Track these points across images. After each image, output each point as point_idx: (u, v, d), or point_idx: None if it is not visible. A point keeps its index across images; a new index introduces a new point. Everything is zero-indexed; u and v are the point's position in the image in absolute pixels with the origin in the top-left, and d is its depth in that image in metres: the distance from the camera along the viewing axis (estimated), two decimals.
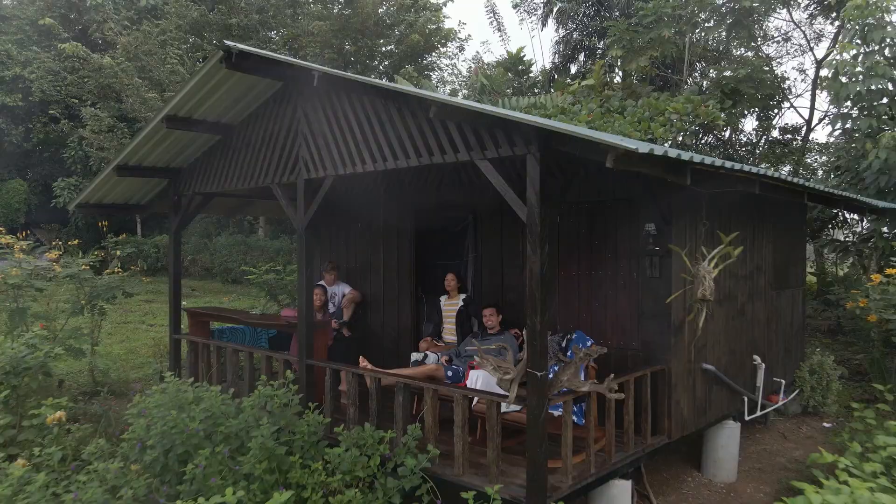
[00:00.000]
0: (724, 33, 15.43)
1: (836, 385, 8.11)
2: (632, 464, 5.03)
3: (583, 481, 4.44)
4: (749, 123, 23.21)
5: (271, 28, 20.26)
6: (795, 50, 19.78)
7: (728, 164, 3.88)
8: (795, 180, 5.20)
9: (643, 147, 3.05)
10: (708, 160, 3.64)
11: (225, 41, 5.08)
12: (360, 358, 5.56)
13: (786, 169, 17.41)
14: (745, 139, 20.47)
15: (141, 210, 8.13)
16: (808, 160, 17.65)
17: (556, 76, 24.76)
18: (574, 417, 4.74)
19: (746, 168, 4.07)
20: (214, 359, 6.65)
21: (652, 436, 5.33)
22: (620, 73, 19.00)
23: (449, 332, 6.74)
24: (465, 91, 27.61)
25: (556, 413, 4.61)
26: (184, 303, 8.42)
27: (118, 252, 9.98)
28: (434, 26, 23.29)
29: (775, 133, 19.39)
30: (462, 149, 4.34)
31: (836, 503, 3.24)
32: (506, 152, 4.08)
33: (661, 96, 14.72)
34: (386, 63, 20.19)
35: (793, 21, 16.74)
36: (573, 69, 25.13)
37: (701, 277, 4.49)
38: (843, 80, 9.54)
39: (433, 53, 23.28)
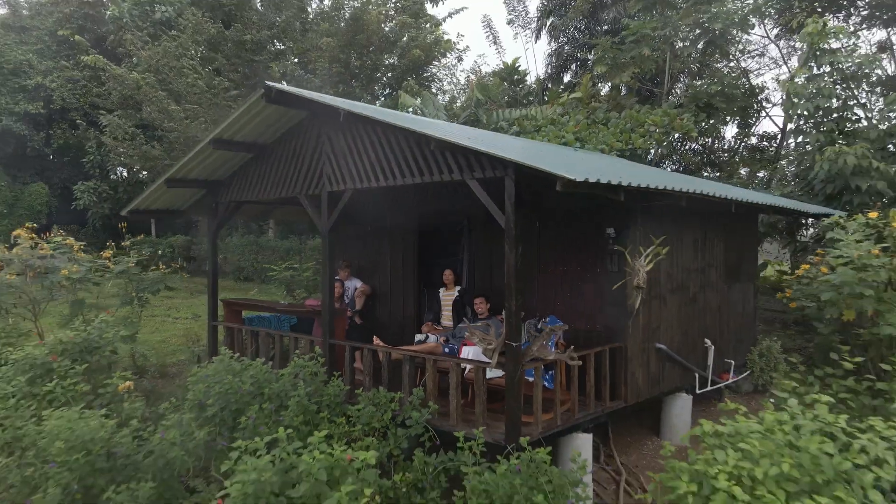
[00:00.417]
0: (699, 51, 16.56)
1: (782, 367, 9.24)
2: (592, 421, 6.18)
3: (550, 431, 5.60)
4: (731, 130, 24.34)
5: (282, 42, 21.36)
6: (772, 62, 20.97)
7: (653, 184, 5.01)
8: (715, 193, 6.31)
9: (580, 176, 4.18)
10: (635, 182, 4.77)
11: (267, 82, 6.22)
12: (374, 337, 6.72)
13: (761, 174, 18.53)
14: (726, 145, 21.68)
15: (181, 215, 9.29)
16: (784, 165, 18.77)
17: (549, 85, 25.92)
18: (545, 382, 5.91)
19: (669, 186, 5.19)
20: (249, 341, 7.80)
21: (611, 400, 6.49)
22: (608, 86, 20.11)
23: (446, 318, 7.92)
24: (462, 98, 28.79)
25: (530, 378, 5.76)
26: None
27: (159, 251, 11.10)
28: (433, 37, 24.47)
29: (754, 140, 20.56)
30: (456, 170, 5.49)
31: (722, 430, 4.37)
32: (489, 174, 5.23)
33: (642, 109, 15.85)
34: (389, 75, 21.31)
35: (768, 37, 17.91)
36: (567, 77, 26.27)
37: (636, 270, 5.65)
38: (795, 100, 10.68)
39: (433, 64, 24.38)
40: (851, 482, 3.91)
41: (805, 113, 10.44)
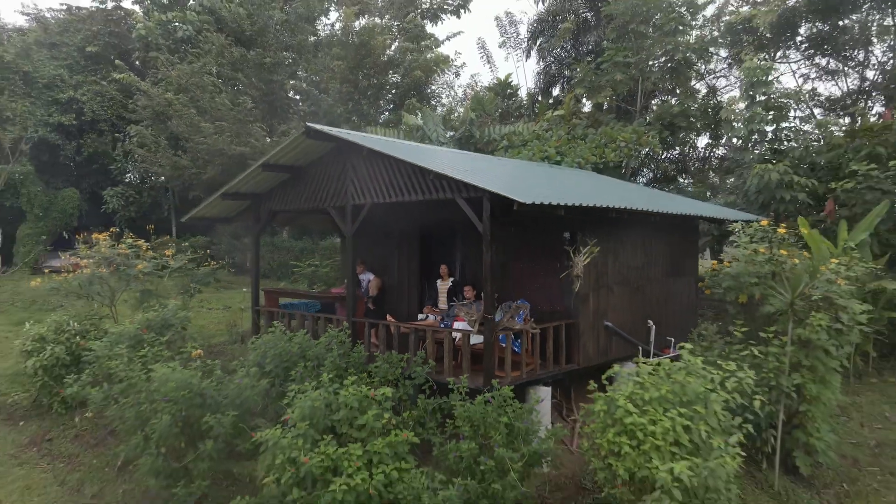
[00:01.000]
0: (668, 74, 18.42)
1: (718, 343, 11.12)
2: (551, 377, 8.07)
3: (517, 382, 7.49)
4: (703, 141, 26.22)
5: (297, 63, 23.24)
6: (738, 81, 22.86)
7: (584, 202, 6.88)
8: (636, 207, 8.16)
9: (529, 200, 6.06)
10: (570, 202, 6.63)
11: (307, 124, 8.10)
12: (388, 315, 8.62)
13: (731, 181, 20.40)
14: (699, 155, 23.54)
15: (228, 221, 11.18)
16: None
17: (539, 98, 27.81)
18: (515, 348, 7.81)
19: (595, 203, 7.06)
20: (287, 321, 9.69)
21: (566, 363, 8.39)
22: (590, 103, 21.96)
23: (442, 302, 9.83)
24: (460, 109, 30.69)
25: (503, 344, 7.65)
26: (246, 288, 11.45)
27: (208, 251, 12.98)
28: (433, 55, 26.38)
29: (722, 151, 22.43)
30: (448, 192, 7.37)
31: (626, 371, 6.24)
32: (472, 195, 7.11)
33: (616, 126, 17.75)
34: (394, 92, 23.20)
35: (728, 63, 19.77)
36: (556, 90, 28.11)
37: (575, 263, 7.54)
38: (734, 124, 12.59)
39: (433, 81, 26.27)
40: (707, 401, 5.79)
41: (741, 135, 12.34)
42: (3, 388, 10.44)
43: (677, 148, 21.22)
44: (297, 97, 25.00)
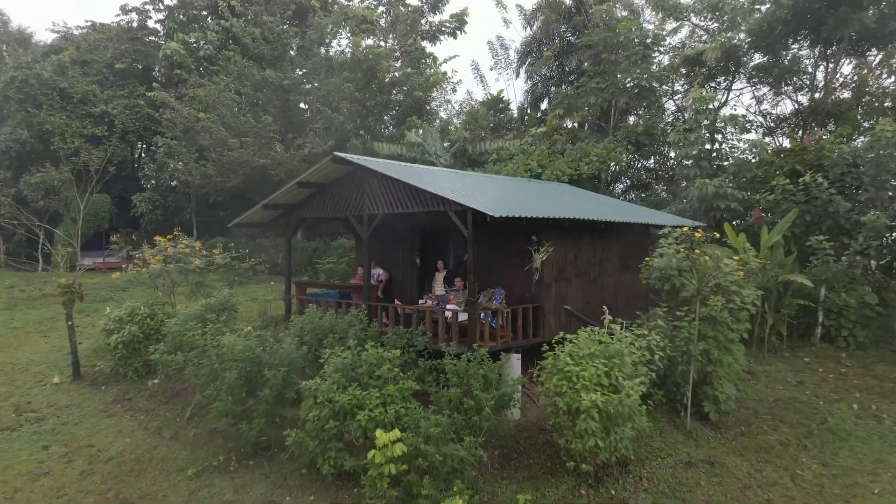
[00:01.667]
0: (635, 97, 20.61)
1: (649, 320, 13.29)
2: (521, 347, 10.26)
3: (494, 349, 9.69)
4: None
5: (310, 83, 25.41)
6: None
7: (540, 214, 9.06)
8: (586, 217, 10.34)
9: (497, 213, 8.23)
10: (529, 214, 8.80)
11: (334, 153, 10.29)
12: (395, 300, 10.83)
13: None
14: (671, 164, 25.70)
15: (264, 227, 13.36)
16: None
17: (528, 111, 30.01)
18: (492, 324, 10.01)
19: (553, 215, 9.24)
20: (314, 306, 11.87)
21: (533, 337, 10.58)
22: (573, 121, 24.16)
23: (438, 290, 12.03)
24: (456, 120, 32.90)
25: (484, 320, 9.85)
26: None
27: (247, 250, 15.18)
28: (431, 72, 28.56)
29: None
30: (441, 205, 9.56)
31: (570, 336, 8.42)
32: (459, 208, 9.30)
33: (590, 142, 19.95)
34: (397, 109, 25.39)
35: (689, 86, 21.94)
36: (544, 104, 30.30)
37: (535, 259, 9.74)
38: (679, 146, 14.77)
39: (432, 97, 28.45)
40: (622, 356, 7.99)
41: (685, 154, 14.54)
42: (87, 360, 12.64)
43: (652, 158, 23.42)
44: (306, 107, 27.12)
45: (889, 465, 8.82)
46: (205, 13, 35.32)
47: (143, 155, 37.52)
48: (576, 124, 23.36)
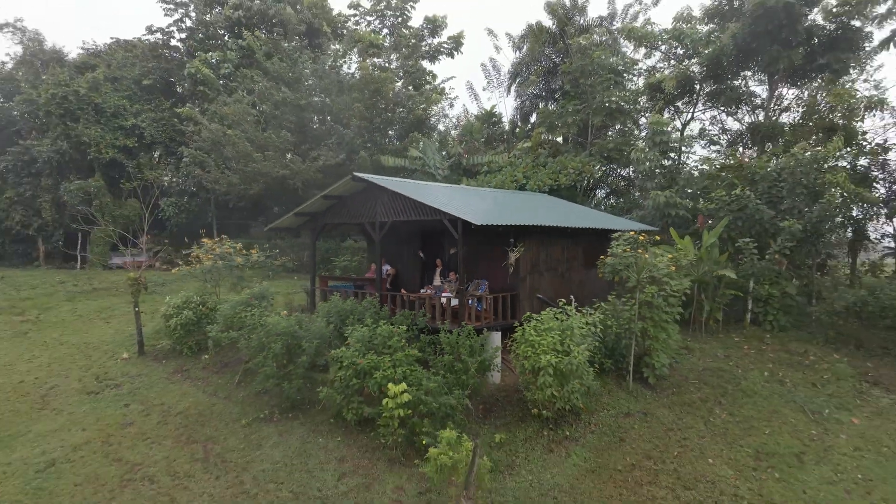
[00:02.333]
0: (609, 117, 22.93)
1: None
2: (501, 327, 12.61)
3: (479, 328, 12.04)
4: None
5: (323, 100, 27.76)
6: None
7: (513, 222, 11.38)
8: (550, 223, 12.65)
9: (479, 221, 10.56)
10: (504, 222, 11.13)
11: (354, 173, 12.61)
12: (402, 290, 13.19)
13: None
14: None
15: (293, 232, 15.68)
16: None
17: (519, 124, 32.32)
18: (478, 307, 12.37)
19: (524, 223, 11.56)
20: (337, 295, 14.22)
21: (511, 318, 12.93)
22: (556, 136, 26.48)
23: (436, 281, 14.37)
24: (453, 132, 35.25)
25: (471, 305, 12.19)
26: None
27: (277, 251, 17.52)
28: (430, 86, 30.89)
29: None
30: (437, 215, 11.90)
31: (535, 316, 10.72)
32: (452, 217, 11.64)
33: (569, 156, 22.28)
34: (399, 126, 27.75)
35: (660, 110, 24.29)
36: (532, 118, 32.57)
37: (510, 257, 12.08)
38: (636, 164, 17.11)
39: (431, 111, 30.78)
40: (572, 329, 10.32)
41: (643, 169, 16.87)
42: (148, 340, 14.98)
43: (629, 168, 25.74)
44: (319, 123, 29.48)
45: (781, 414, 11.19)
46: (221, 31, 37.67)
47: (159, 163, 39.82)
48: (560, 139, 25.67)
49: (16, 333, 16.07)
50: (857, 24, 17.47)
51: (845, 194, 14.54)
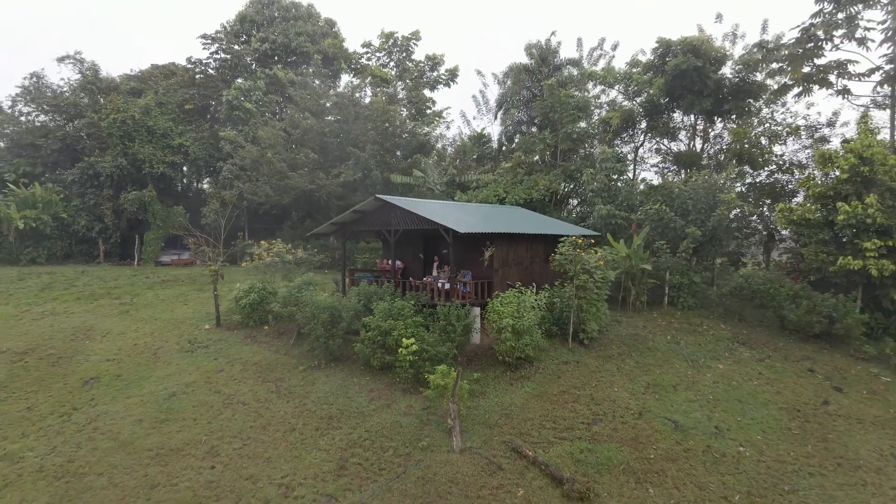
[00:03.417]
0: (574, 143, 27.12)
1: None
2: (480, 304, 16.85)
3: (465, 303, 16.29)
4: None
5: (342, 128, 31.94)
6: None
7: (486, 230, 15.59)
8: (515, 230, 16.88)
9: (463, 230, 14.76)
10: (482, 230, 15.32)
11: (376, 195, 16.83)
12: (410, 278, 17.49)
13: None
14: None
15: (326, 237, 19.85)
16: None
17: (505, 144, 36.49)
18: (464, 290, 16.64)
19: (496, 230, 15.75)
20: (365, 282, 18.45)
21: (487, 298, 17.18)
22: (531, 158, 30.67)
23: (434, 273, 18.60)
24: (450, 149, 39.46)
25: (459, 288, 16.43)
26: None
27: (315, 249, 21.77)
28: (431, 111, 35.10)
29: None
30: (435, 224, 16.13)
31: (502, 294, 14.87)
32: (445, 226, 15.87)
33: (541, 175, 26.50)
34: (404, 149, 31.97)
35: (608, 142, 28.51)
36: (517, 139, 36.69)
37: (486, 255, 16.29)
38: (588, 185, 21.31)
39: (431, 135, 34.99)
40: (525, 301, 14.54)
41: (591, 188, 21.07)
42: (223, 316, 19.22)
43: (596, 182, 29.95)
44: (338, 145, 33.68)
45: (671, 362, 15.43)
46: (250, 60, 41.86)
47: (202, 176, 44.00)
48: (536, 158, 29.91)
49: (120, 312, 20.28)
50: (759, 77, 21.73)
51: (738, 207, 18.80)
